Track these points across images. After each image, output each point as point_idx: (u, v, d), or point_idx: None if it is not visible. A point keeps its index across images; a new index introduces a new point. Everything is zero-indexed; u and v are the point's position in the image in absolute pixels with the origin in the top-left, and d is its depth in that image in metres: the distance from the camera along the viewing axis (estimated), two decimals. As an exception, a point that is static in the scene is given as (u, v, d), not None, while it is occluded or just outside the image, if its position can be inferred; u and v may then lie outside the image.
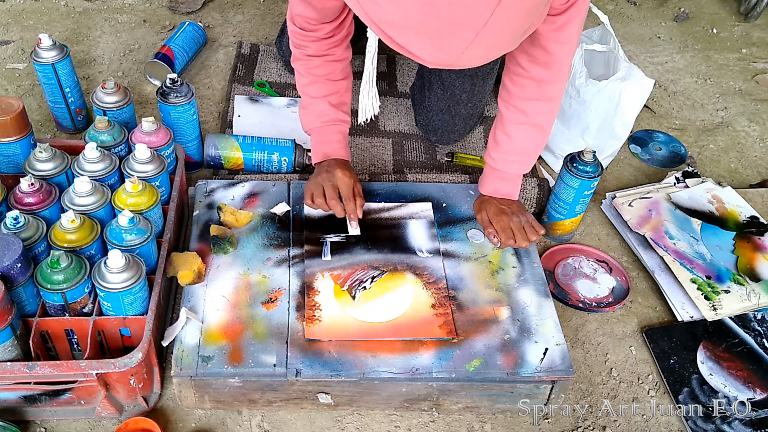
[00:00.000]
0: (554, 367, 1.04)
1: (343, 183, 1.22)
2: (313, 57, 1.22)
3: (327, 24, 1.17)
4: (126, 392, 1.01)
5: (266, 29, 1.92)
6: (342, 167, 1.24)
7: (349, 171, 1.25)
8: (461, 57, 0.82)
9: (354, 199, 1.22)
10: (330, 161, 1.26)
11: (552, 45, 1.08)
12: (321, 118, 1.28)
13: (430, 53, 0.84)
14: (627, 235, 1.39)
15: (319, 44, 1.20)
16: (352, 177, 1.24)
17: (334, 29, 1.18)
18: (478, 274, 1.17)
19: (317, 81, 1.25)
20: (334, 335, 1.05)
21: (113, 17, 1.92)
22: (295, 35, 1.21)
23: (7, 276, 0.93)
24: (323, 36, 1.19)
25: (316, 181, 1.24)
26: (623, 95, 1.38)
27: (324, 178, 1.23)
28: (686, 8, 2.21)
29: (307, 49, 1.22)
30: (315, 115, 1.28)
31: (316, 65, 1.23)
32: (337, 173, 1.22)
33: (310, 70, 1.24)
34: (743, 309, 1.24)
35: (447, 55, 0.83)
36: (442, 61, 0.85)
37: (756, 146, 1.70)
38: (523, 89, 1.16)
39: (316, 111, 1.28)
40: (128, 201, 1.08)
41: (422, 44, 0.82)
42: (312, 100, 1.27)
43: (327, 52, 1.22)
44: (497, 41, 0.82)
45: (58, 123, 1.51)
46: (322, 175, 1.24)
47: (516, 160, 1.24)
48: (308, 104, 1.28)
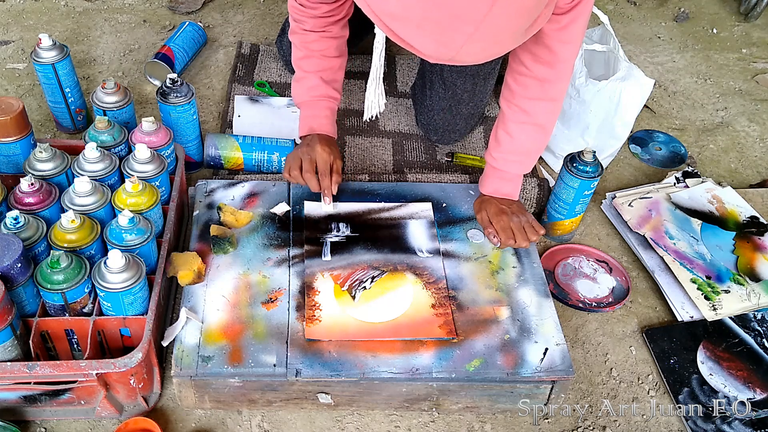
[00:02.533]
0: (554, 367, 1.04)
1: (321, 158, 1.23)
2: (309, 32, 1.24)
3: (326, 4, 1.18)
4: (126, 392, 1.01)
5: (266, 29, 1.92)
6: (323, 142, 1.25)
7: (330, 147, 1.25)
8: (461, 51, 0.83)
9: (330, 175, 1.23)
10: (313, 136, 1.27)
11: (556, 44, 1.08)
12: (311, 92, 1.28)
13: (431, 46, 0.84)
14: (627, 235, 1.39)
15: (317, 21, 1.22)
16: (332, 153, 1.24)
17: (333, 9, 1.20)
18: (478, 274, 1.17)
19: (312, 56, 1.26)
20: (334, 335, 1.05)
21: (113, 17, 1.92)
22: (294, 9, 1.22)
23: (7, 276, 0.93)
24: (321, 14, 1.20)
25: (295, 153, 1.26)
26: (623, 95, 1.38)
27: (303, 151, 1.24)
28: (686, 8, 2.21)
29: (304, 24, 1.23)
30: (306, 89, 1.29)
31: (312, 40, 1.24)
32: (317, 148, 1.23)
33: (306, 45, 1.25)
34: (743, 309, 1.24)
35: (447, 48, 0.83)
36: (442, 55, 0.85)
37: (756, 146, 1.70)
38: (526, 88, 1.16)
39: (307, 85, 1.29)
40: (128, 201, 1.08)
41: (422, 37, 0.83)
42: (304, 74, 1.28)
43: (324, 29, 1.23)
44: (497, 37, 0.83)
45: (58, 123, 1.51)
46: (302, 148, 1.25)
47: (517, 159, 1.24)
48: (300, 77, 1.30)
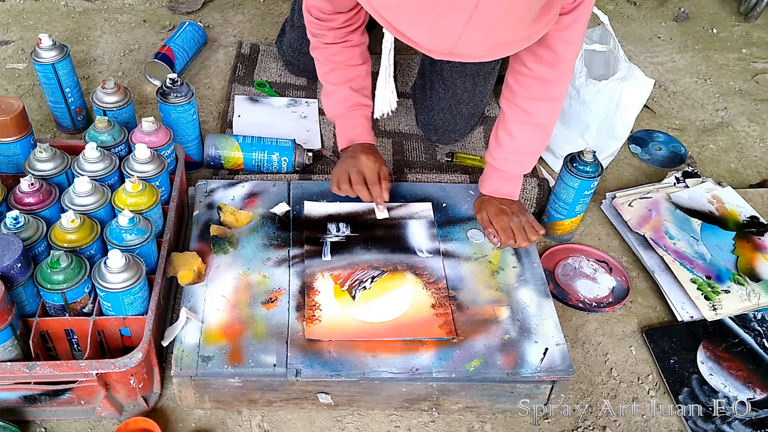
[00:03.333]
0: (554, 367, 1.04)
1: (368, 168, 1.23)
2: (331, 45, 1.24)
3: (342, 14, 1.18)
4: (126, 392, 1.01)
5: (266, 29, 1.92)
6: (367, 152, 1.25)
7: (374, 155, 1.25)
8: (459, 42, 0.82)
9: (379, 183, 1.23)
10: (355, 146, 1.27)
11: (558, 44, 1.08)
12: (344, 104, 1.28)
13: (427, 38, 0.84)
14: (627, 235, 1.39)
15: (336, 32, 1.22)
16: (377, 161, 1.25)
17: (349, 19, 1.20)
18: (478, 274, 1.17)
19: (337, 68, 1.26)
20: (334, 335, 1.05)
21: (113, 17, 1.92)
22: (311, 25, 1.23)
23: (7, 276, 0.93)
24: (339, 25, 1.20)
25: (341, 167, 1.25)
26: (623, 95, 1.38)
27: (349, 164, 1.24)
28: (686, 8, 2.21)
29: (324, 38, 1.23)
30: (337, 102, 1.29)
31: (334, 52, 1.24)
32: (362, 158, 1.23)
33: (330, 57, 1.25)
34: (743, 309, 1.24)
35: (443, 39, 0.83)
36: (441, 47, 0.85)
37: (756, 146, 1.70)
38: (527, 89, 1.16)
39: (338, 97, 1.28)
40: (128, 201, 1.08)
41: (418, 28, 0.83)
42: (333, 87, 1.28)
43: (344, 38, 1.23)
44: (493, 24, 0.82)
45: (58, 123, 1.51)
46: (347, 161, 1.25)
47: (517, 159, 1.24)
48: (330, 92, 1.29)
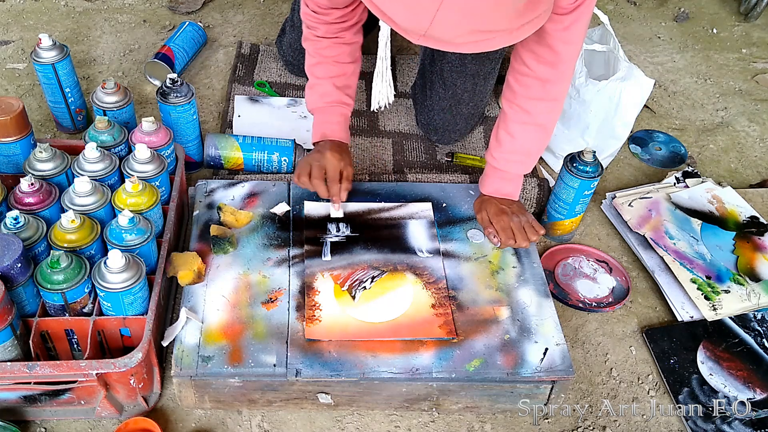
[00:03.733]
0: (554, 367, 1.04)
1: (330, 164, 1.23)
2: (322, 38, 1.24)
3: (337, 9, 1.19)
4: (126, 392, 1.01)
5: (266, 29, 1.92)
6: (334, 149, 1.25)
7: (340, 154, 1.25)
8: (434, 22, 0.83)
9: (338, 182, 1.23)
10: (325, 142, 1.27)
11: (559, 45, 1.08)
12: (324, 98, 1.28)
13: (402, 14, 0.85)
14: (627, 235, 1.39)
15: (329, 27, 1.22)
16: (342, 160, 1.24)
17: (345, 15, 1.20)
18: (478, 274, 1.17)
19: (324, 62, 1.26)
20: (334, 335, 1.05)
21: (113, 17, 1.92)
22: (306, 16, 1.23)
23: (7, 276, 0.93)
24: (333, 20, 1.20)
25: (306, 160, 1.26)
26: (623, 95, 1.38)
27: (314, 158, 1.25)
28: (686, 8, 2.21)
29: (317, 30, 1.23)
30: (318, 95, 1.29)
31: (324, 46, 1.24)
32: (327, 154, 1.23)
33: (319, 51, 1.25)
34: (743, 309, 1.24)
35: (418, 17, 0.83)
36: (416, 26, 0.85)
37: (756, 146, 1.70)
38: (528, 89, 1.16)
39: (320, 91, 1.29)
40: (128, 201, 1.08)
41: (394, 2, 0.84)
42: (317, 80, 1.28)
43: (337, 35, 1.23)
44: (468, 6, 0.82)
45: (58, 123, 1.51)
46: (313, 155, 1.26)
47: (518, 159, 1.24)
48: (313, 84, 1.30)
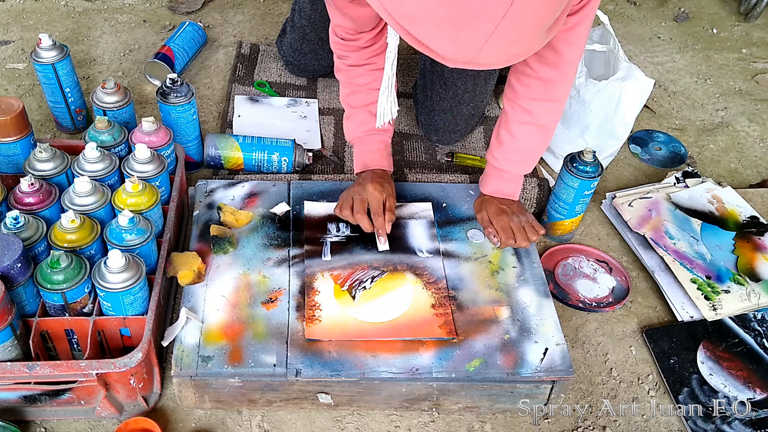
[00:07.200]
0: (554, 367, 1.04)
1: (372, 197, 1.21)
2: (354, 66, 1.23)
3: (365, 33, 1.17)
4: (126, 392, 1.01)
5: (266, 29, 1.92)
6: (375, 180, 1.23)
7: (382, 185, 1.23)
8: (480, 52, 0.80)
9: (382, 215, 1.21)
10: (367, 173, 1.26)
11: (562, 45, 1.08)
12: (361, 127, 1.28)
13: (449, 48, 0.82)
14: (627, 235, 1.39)
15: (360, 54, 1.21)
16: (383, 191, 1.22)
17: (373, 38, 1.19)
18: (478, 274, 1.17)
19: (359, 90, 1.25)
20: (334, 335, 1.05)
21: (113, 17, 1.92)
22: (336, 45, 1.22)
23: (7, 276, 0.93)
24: (363, 45, 1.19)
25: (348, 192, 1.24)
26: (623, 95, 1.38)
27: (356, 190, 1.23)
28: (686, 8, 2.21)
29: (348, 59, 1.22)
30: (355, 125, 1.28)
31: (357, 74, 1.24)
32: (368, 187, 1.21)
33: (352, 80, 1.25)
34: (743, 309, 1.24)
35: (466, 49, 0.81)
36: (462, 56, 0.83)
37: (756, 146, 1.70)
38: (530, 89, 1.16)
39: (356, 121, 1.28)
40: (128, 201, 1.08)
41: (440, 38, 0.81)
42: (353, 110, 1.28)
43: (367, 61, 1.22)
44: (517, 35, 0.80)
45: (58, 123, 1.51)
46: (355, 187, 1.24)
47: (519, 160, 1.24)
48: (350, 114, 1.29)
